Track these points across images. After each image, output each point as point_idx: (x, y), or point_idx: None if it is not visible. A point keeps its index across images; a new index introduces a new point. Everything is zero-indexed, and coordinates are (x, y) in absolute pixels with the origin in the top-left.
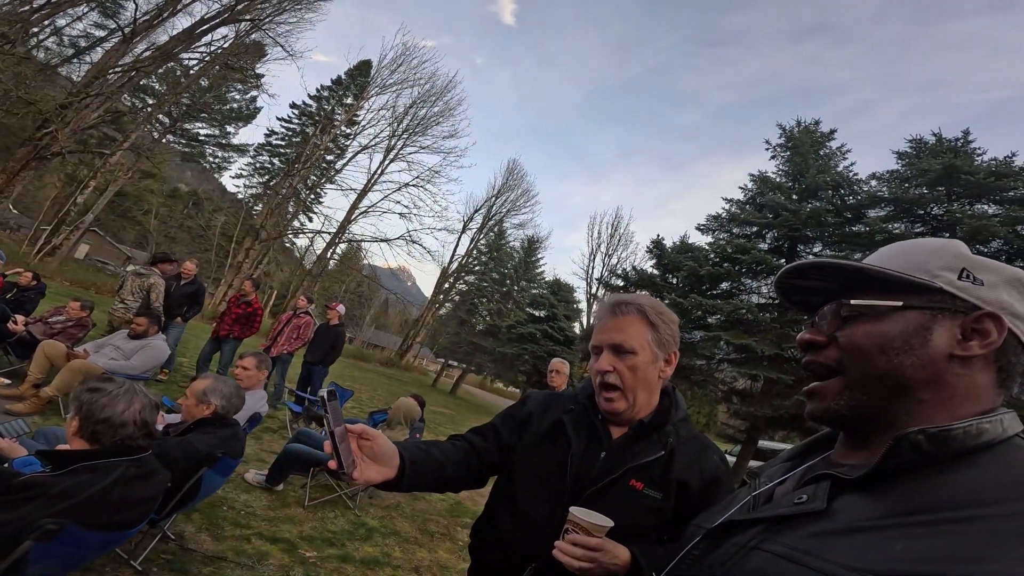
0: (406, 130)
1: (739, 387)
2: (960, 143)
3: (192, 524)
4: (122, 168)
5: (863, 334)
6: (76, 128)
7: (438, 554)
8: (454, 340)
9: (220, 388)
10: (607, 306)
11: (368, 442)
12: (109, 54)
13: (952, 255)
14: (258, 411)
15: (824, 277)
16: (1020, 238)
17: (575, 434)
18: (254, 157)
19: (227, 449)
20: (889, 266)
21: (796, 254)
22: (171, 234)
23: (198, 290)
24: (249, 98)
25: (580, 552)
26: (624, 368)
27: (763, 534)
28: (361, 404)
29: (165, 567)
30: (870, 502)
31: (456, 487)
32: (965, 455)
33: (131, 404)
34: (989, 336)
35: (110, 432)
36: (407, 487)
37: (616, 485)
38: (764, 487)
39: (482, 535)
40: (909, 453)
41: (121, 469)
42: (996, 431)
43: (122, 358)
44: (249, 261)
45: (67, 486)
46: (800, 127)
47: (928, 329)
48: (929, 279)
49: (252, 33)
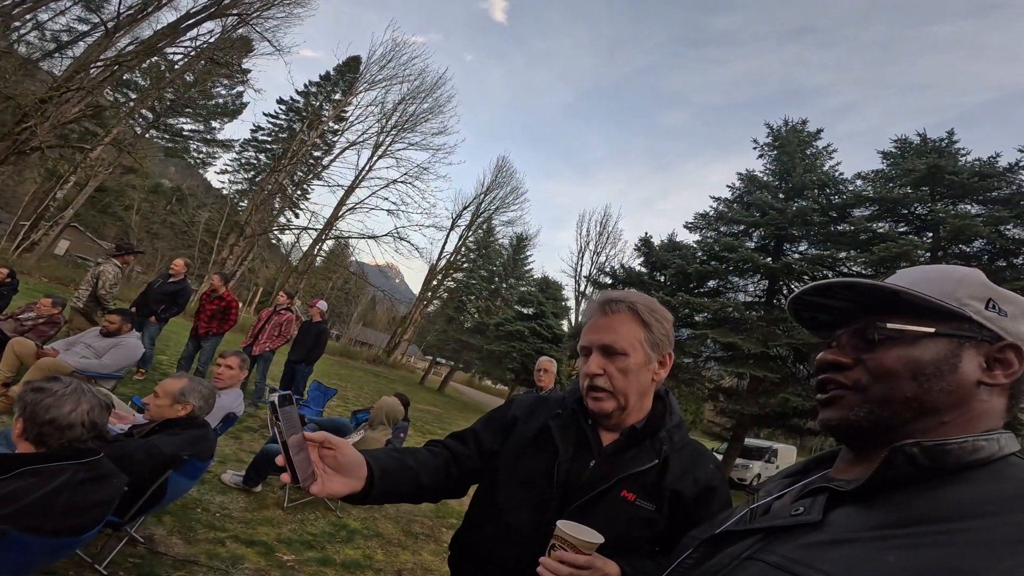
0: (395, 126)
1: (725, 385)
2: (945, 143)
3: (163, 527)
4: (103, 163)
5: (895, 359)
6: (56, 123)
7: (422, 556)
8: (442, 338)
9: (198, 389)
10: (597, 304)
11: (331, 451)
12: (91, 48)
13: (979, 284)
14: (233, 411)
15: (848, 297)
16: (1003, 238)
17: (563, 441)
18: (240, 153)
19: (195, 451)
20: (920, 290)
21: (782, 252)
22: (153, 230)
23: (181, 290)
24: (235, 93)
25: (567, 571)
26: (614, 370)
27: (757, 544)
28: (347, 403)
29: (132, 571)
30: (864, 514)
31: (434, 497)
32: (961, 471)
33: (78, 405)
34: (1012, 366)
35: (56, 434)
36: (376, 499)
37: (607, 496)
38: (762, 501)
39: (462, 547)
40: (904, 465)
41: (69, 473)
42: (992, 449)
43: (93, 356)
44: (233, 258)
45: (8, 492)
46: (787, 126)
47: (957, 356)
48: (959, 307)
49: (239, 28)
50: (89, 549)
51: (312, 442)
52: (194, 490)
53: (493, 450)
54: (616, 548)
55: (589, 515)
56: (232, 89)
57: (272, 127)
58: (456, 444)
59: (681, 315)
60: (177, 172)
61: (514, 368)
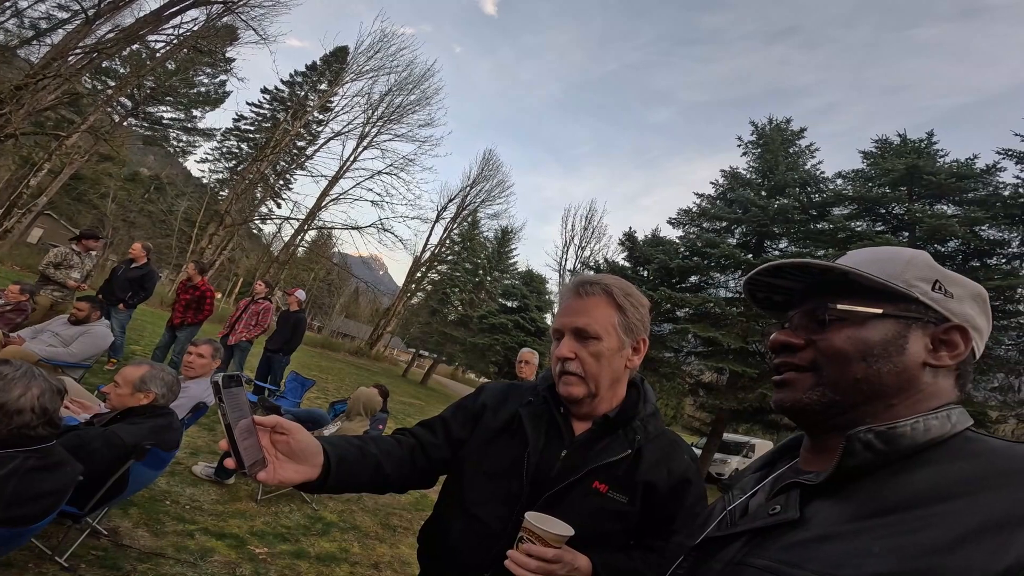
0: (381, 117)
1: (705, 380)
2: (924, 144)
3: (129, 519)
4: (79, 151)
5: (844, 339)
6: (31, 110)
7: (400, 549)
8: (425, 330)
9: (161, 376)
10: (571, 286)
11: (283, 436)
12: (70, 36)
13: (926, 266)
14: (204, 400)
15: (800, 278)
16: (978, 238)
17: (533, 429)
18: (221, 142)
19: (158, 440)
20: (869, 271)
21: (763, 250)
22: (130, 219)
23: (146, 275)
24: (218, 82)
25: (535, 564)
26: (587, 355)
27: (745, 548)
28: (327, 395)
29: (95, 563)
30: (838, 507)
31: (399, 487)
32: (919, 452)
33: (28, 389)
34: (957, 348)
35: (5, 420)
36: (333, 488)
37: (578, 487)
38: (738, 500)
39: (431, 540)
40: (863, 452)
41: (18, 460)
42: (945, 427)
43: (61, 344)
44: (212, 247)
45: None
46: (772, 125)
47: (904, 338)
48: (907, 288)
49: (224, 16)
50: (49, 541)
51: (263, 427)
52: (163, 482)
53: (462, 439)
54: (588, 541)
55: (560, 507)
56: (215, 78)
57: (255, 116)
58: (424, 432)
59: (663, 310)
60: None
61: (497, 361)
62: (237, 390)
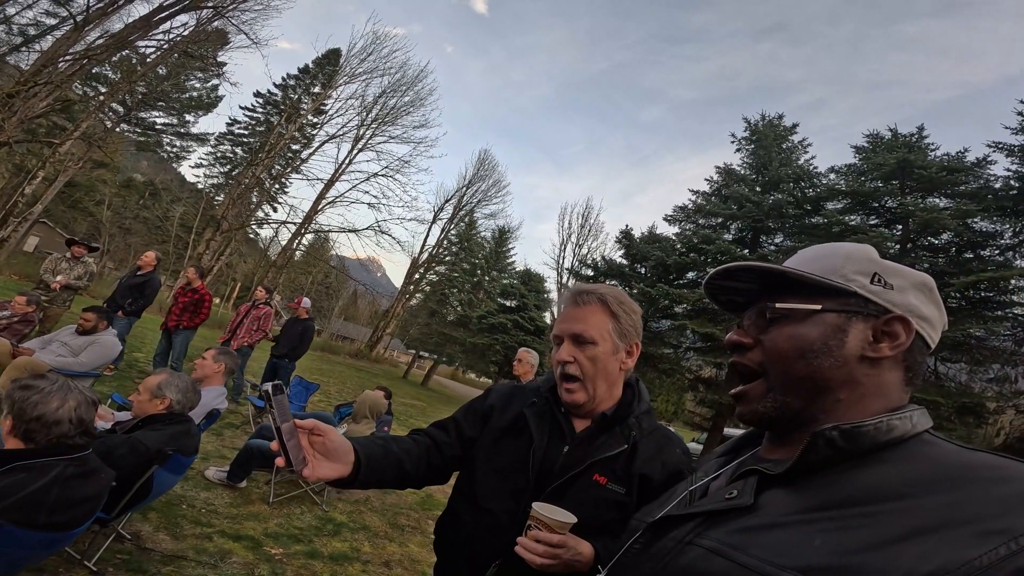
0: (376, 119)
1: (705, 375)
2: (915, 139)
3: (149, 523)
4: (72, 158)
5: (785, 337)
6: (24, 117)
7: (409, 548)
8: (425, 331)
9: (175, 383)
10: (569, 295)
11: (320, 438)
12: (60, 42)
13: (865, 259)
14: (216, 407)
15: (750, 279)
16: (970, 230)
17: (537, 428)
18: (215, 146)
19: (179, 446)
20: (809, 270)
21: (759, 245)
22: (126, 225)
23: (147, 282)
24: (210, 87)
25: (542, 549)
26: (584, 358)
27: (697, 529)
28: (329, 398)
29: (121, 567)
30: (791, 497)
31: (417, 483)
32: (876, 451)
33: (65, 401)
34: (898, 338)
35: (44, 430)
36: (363, 484)
37: (579, 480)
38: (700, 482)
39: (445, 532)
40: (824, 449)
41: (59, 468)
42: (905, 427)
43: (70, 354)
44: (210, 252)
45: (1, 486)
46: (764, 121)
47: (844, 331)
48: (844, 283)
49: (214, 20)
50: (77, 546)
51: (302, 429)
52: (178, 487)
53: (472, 438)
54: (589, 529)
55: (563, 498)
56: (207, 82)
57: (249, 120)
58: (438, 432)
59: (661, 306)
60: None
61: (497, 361)
62: (282, 397)
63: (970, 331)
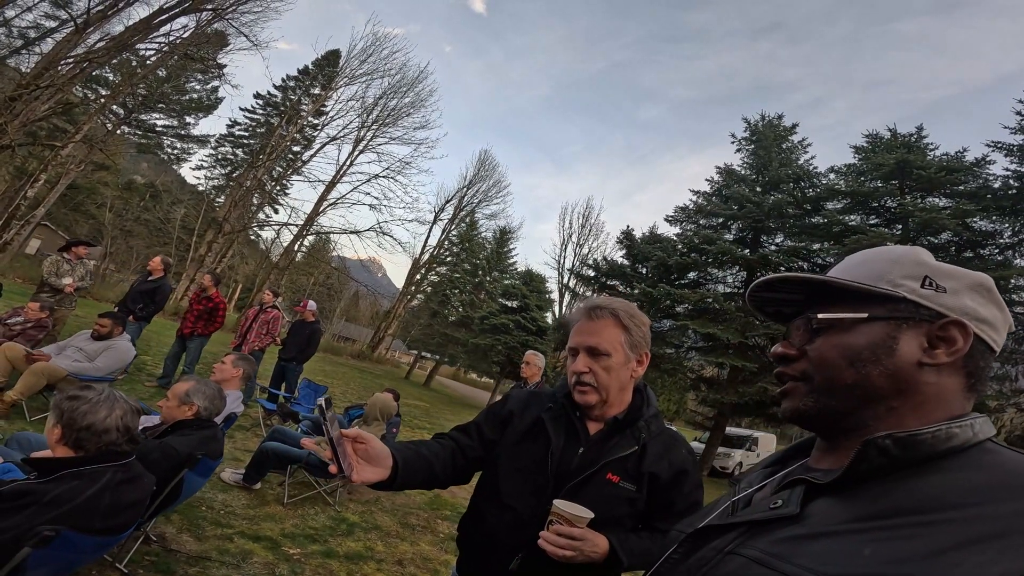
0: (376, 121)
1: (707, 375)
2: (914, 138)
3: (172, 525)
4: (74, 160)
5: (831, 347)
6: (25, 120)
7: (420, 547)
8: (426, 332)
9: (203, 390)
10: (583, 310)
11: (363, 445)
12: (60, 45)
13: (913, 263)
14: (233, 411)
15: (792, 289)
16: (969, 230)
17: (554, 431)
18: (216, 148)
19: (207, 450)
20: (853, 277)
21: (760, 245)
22: (127, 228)
23: (158, 288)
24: (210, 88)
25: (564, 542)
26: (599, 369)
27: (739, 539)
28: (335, 399)
29: (151, 568)
30: (840, 506)
31: (444, 484)
32: (934, 459)
33: (112, 410)
34: (955, 344)
35: (93, 439)
36: (400, 485)
37: (594, 478)
38: (744, 493)
39: (469, 529)
40: (877, 457)
41: (109, 475)
42: (966, 435)
43: (85, 360)
44: (212, 255)
45: (59, 493)
46: (764, 121)
47: (894, 339)
48: (892, 289)
49: (214, 22)
50: None
51: (347, 437)
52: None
53: (493, 440)
54: (604, 524)
55: (579, 496)
56: (207, 84)
57: (250, 122)
58: (461, 436)
59: (662, 306)
60: (150, 168)
61: (499, 361)
62: (333, 410)
63: None
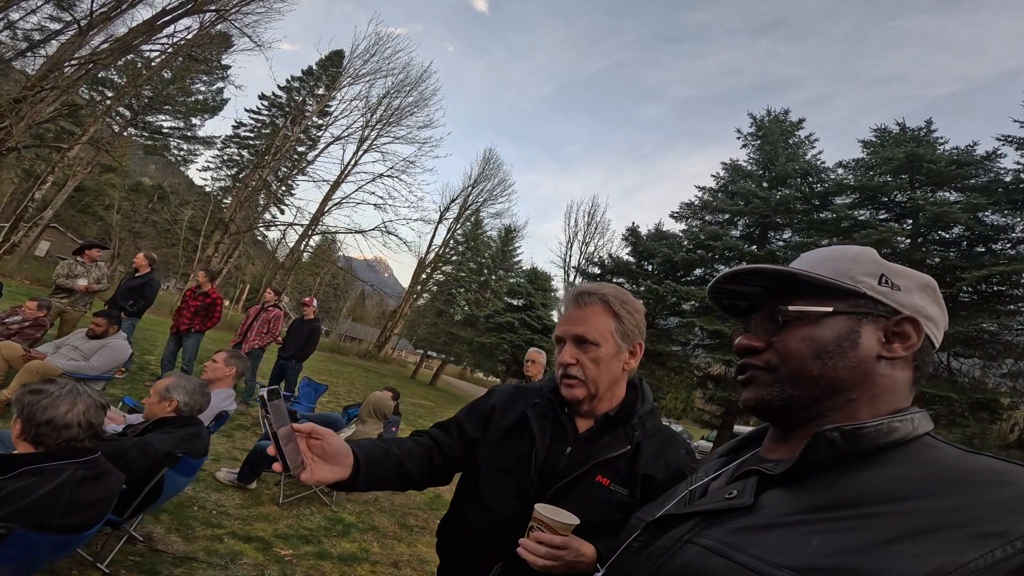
0: (380, 120)
1: (714, 372)
2: (923, 132)
3: (161, 525)
4: (81, 162)
5: (798, 339)
6: (31, 122)
7: (417, 548)
8: (432, 331)
9: (183, 385)
10: (571, 296)
11: (318, 441)
12: (64, 47)
13: (871, 261)
14: (225, 409)
15: (756, 282)
16: (981, 224)
17: (539, 429)
18: (222, 149)
19: (188, 449)
20: (817, 272)
21: (768, 241)
22: (135, 229)
23: (146, 283)
24: (215, 90)
25: (544, 550)
26: (587, 360)
27: (696, 528)
28: (338, 398)
29: (134, 569)
30: (790, 497)
31: (419, 484)
32: (877, 452)
33: (74, 405)
34: (910, 339)
35: (54, 434)
36: (363, 486)
37: (582, 481)
38: (700, 482)
39: (449, 532)
40: (825, 449)
41: (69, 472)
42: (906, 429)
43: (81, 358)
44: (219, 255)
45: (12, 490)
46: (770, 116)
47: (857, 333)
48: (854, 285)
49: (217, 24)
50: (90, 548)
51: (300, 432)
52: (190, 488)
53: (475, 439)
54: (593, 531)
55: (566, 500)
56: (212, 85)
57: (255, 123)
58: (440, 434)
59: (669, 303)
60: (158, 170)
61: (505, 360)
62: (279, 401)
63: (983, 326)
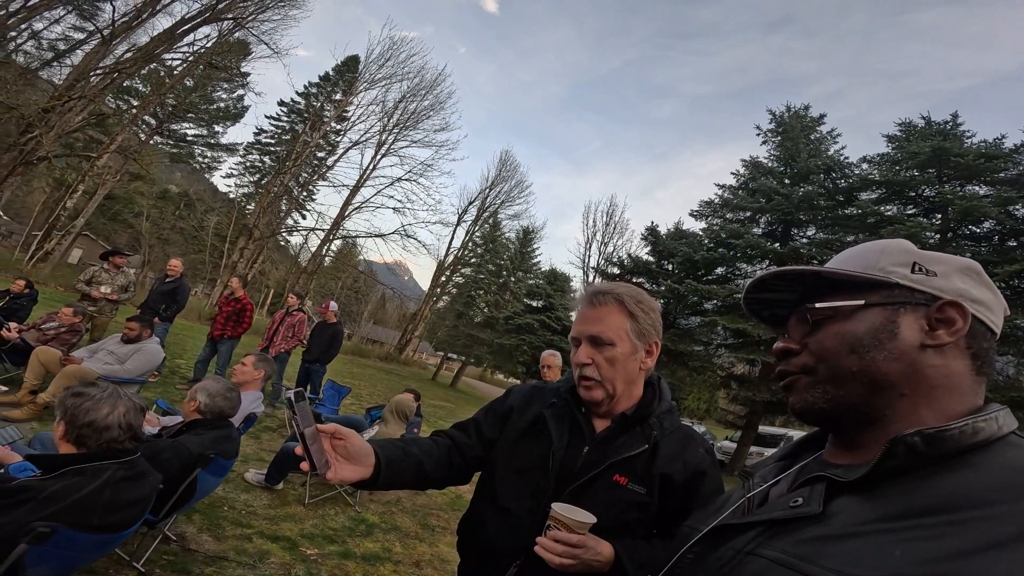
0: (397, 124)
1: (737, 372)
2: (949, 126)
3: (193, 525)
4: (110, 171)
5: (832, 336)
6: (60, 132)
7: (439, 548)
8: (452, 333)
9: (206, 386)
10: (585, 296)
11: (341, 441)
12: (89, 56)
13: (901, 251)
14: (253, 411)
15: (786, 287)
16: (1012, 218)
17: (556, 429)
18: (244, 156)
19: (220, 450)
20: (845, 268)
21: (790, 238)
22: (164, 236)
23: (177, 288)
24: (236, 97)
25: (561, 549)
26: (602, 360)
27: (759, 539)
28: (361, 400)
29: (167, 568)
30: (865, 505)
31: (438, 484)
32: (959, 455)
33: (115, 408)
34: (955, 324)
35: (95, 436)
36: (384, 485)
37: (599, 480)
38: (758, 488)
39: (468, 532)
40: (905, 455)
41: (109, 472)
42: (991, 429)
43: (116, 362)
44: (244, 261)
45: (56, 489)
46: (790, 112)
47: (894, 323)
48: (884, 275)
49: (235, 32)
50: (126, 548)
51: (324, 433)
52: (220, 489)
53: (493, 439)
54: (611, 530)
55: (583, 499)
56: (233, 93)
57: (274, 129)
58: (458, 434)
59: (690, 303)
60: (183, 177)
61: (524, 361)
62: (304, 403)
63: (1017, 322)
